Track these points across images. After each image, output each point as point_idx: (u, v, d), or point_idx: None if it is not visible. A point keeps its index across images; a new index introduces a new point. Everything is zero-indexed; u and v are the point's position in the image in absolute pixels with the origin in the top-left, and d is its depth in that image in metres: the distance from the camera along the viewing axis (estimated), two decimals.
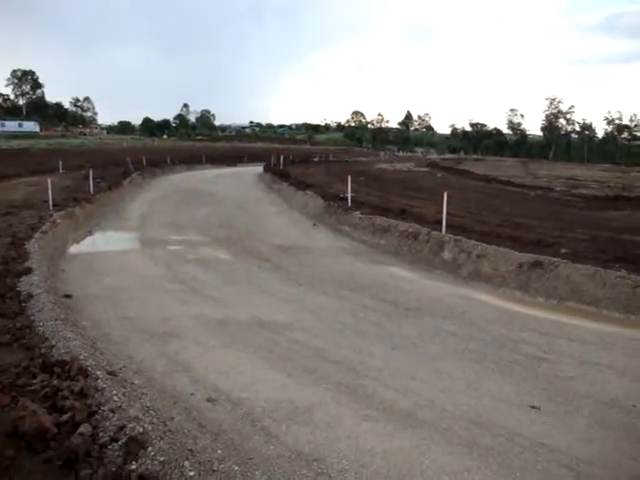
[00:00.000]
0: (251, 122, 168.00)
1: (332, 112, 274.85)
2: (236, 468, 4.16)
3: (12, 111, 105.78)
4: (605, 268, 9.86)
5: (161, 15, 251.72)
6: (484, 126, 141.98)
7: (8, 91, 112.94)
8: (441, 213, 13.78)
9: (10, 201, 17.21)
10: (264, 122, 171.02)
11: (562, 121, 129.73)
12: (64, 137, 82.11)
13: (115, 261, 12.27)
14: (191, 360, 6.65)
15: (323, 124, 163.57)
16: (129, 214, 19.62)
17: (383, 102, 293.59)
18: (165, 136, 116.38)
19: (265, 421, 5.16)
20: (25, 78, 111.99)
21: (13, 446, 3.84)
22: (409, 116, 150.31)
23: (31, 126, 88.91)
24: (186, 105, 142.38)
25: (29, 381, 4.87)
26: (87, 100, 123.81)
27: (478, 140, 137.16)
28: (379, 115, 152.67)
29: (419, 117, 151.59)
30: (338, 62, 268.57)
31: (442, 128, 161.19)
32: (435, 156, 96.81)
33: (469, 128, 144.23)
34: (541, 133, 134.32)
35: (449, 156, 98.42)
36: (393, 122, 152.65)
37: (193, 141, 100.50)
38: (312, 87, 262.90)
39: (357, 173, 30.30)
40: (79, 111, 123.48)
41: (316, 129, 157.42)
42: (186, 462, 3.88)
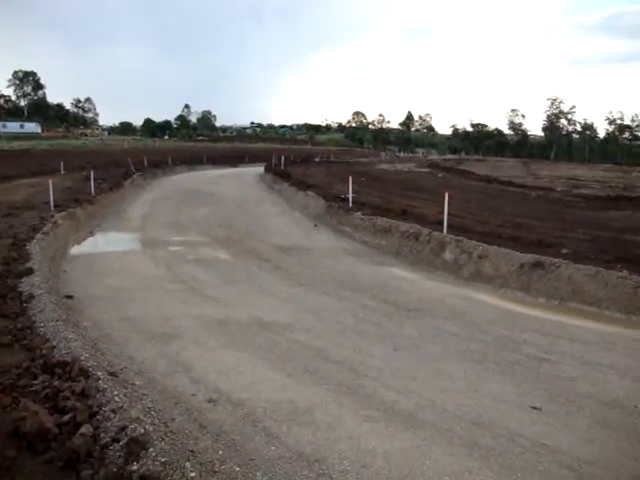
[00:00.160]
0: (252, 122, 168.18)
1: (333, 112, 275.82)
2: (237, 469, 4.16)
3: (14, 112, 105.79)
4: (607, 268, 9.85)
5: (162, 15, 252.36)
6: (485, 126, 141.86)
7: (10, 92, 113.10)
8: (442, 214, 13.78)
9: (11, 202, 17.22)
10: (265, 122, 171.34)
11: (563, 121, 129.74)
12: (65, 138, 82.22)
13: (116, 262, 12.28)
14: (191, 360, 6.65)
15: (324, 124, 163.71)
16: (130, 215, 19.64)
17: (384, 102, 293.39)
18: (166, 137, 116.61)
19: (266, 422, 5.16)
20: (26, 79, 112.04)
21: (14, 447, 3.84)
22: (410, 116, 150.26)
23: (33, 127, 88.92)
24: (187, 106, 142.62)
25: (30, 382, 4.88)
26: (88, 101, 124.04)
27: (479, 140, 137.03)
28: (380, 115, 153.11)
29: (420, 117, 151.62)
30: (338, 62, 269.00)
31: (443, 128, 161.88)
32: (436, 156, 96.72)
33: (470, 128, 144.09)
34: (542, 133, 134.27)
35: (450, 156, 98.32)
36: (394, 122, 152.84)
37: (194, 142, 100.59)
38: (313, 87, 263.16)
39: (358, 174, 30.29)
40: (80, 112, 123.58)
41: (317, 129, 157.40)
42: (187, 463, 3.88)
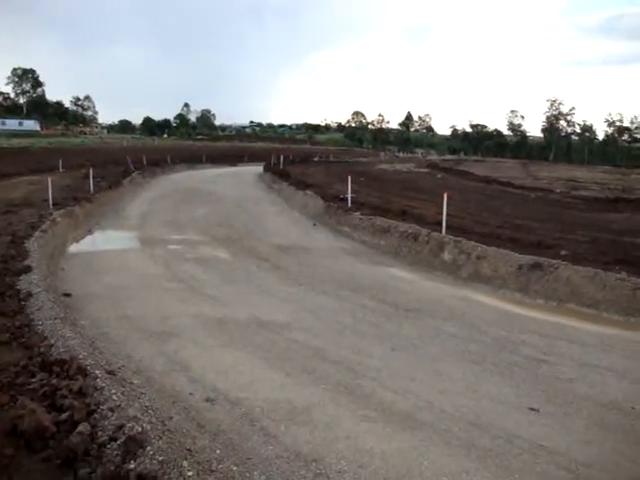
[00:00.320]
0: (251, 122, 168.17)
1: (332, 112, 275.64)
2: (235, 468, 4.16)
3: (12, 110, 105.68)
4: (605, 270, 9.86)
5: (161, 15, 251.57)
6: (484, 127, 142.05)
7: (9, 90, 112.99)
8: (441, 214, 13.78)
9: (10, 200, 17.19)
10: (264, 122, 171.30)
11: (562, 123, 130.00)
12: (64, 136, 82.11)
13: (114, 260, 12.26)
14: (190, 359, 6.64)
15: (323, 124, 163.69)
16: (129, 213, 19.62)
17: (383, 102, 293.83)
18: (165, 135, 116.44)
19: (264, 421, 5.15)
20: (26, 77, 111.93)
21: (12, 445, 3.83)
22: (409, 117, 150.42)
23: (31, 125, 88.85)
24: (187, 105, 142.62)
25: (28, 380, 4.86)
26: (87, 99, 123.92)
27: (478, 141, 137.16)
28: (379, 115, 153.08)
29: (419, 118, 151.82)
30: (338, 62, 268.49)
31: (442, 129, 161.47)
32: (435, 157, 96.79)
33: (469, 129, 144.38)
34: (541, 135, 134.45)
35: (449, 157, 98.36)
36: (393, 123, 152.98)
37: (193, 140, 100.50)
38: (312, 87, 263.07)
39: (357, 173, 30.28)
40: (79, 110, 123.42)
41: (316, 129, 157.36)
42: (185, 462, 3.88)
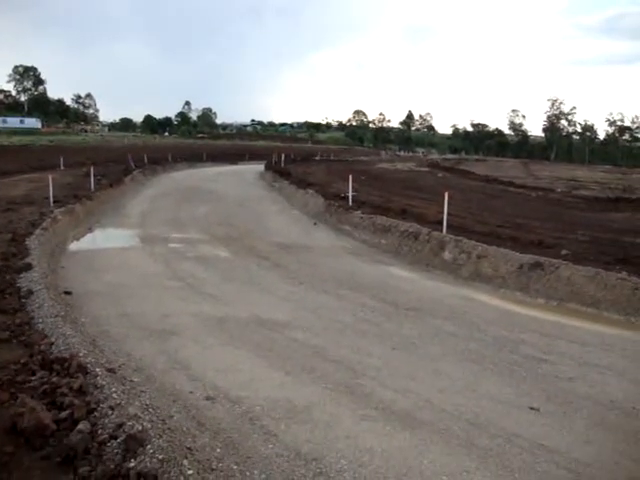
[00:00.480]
0: (252, 120, 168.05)
1: (333, 111, 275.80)
2: (235, 467, 4.16)
3: (14, 107, 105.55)
4: (606, 270, 9.85)
5: (163, 13, 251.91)
6: (485, 126, 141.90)
7: (10, 87, 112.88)
8: (442, 213, 13.77)
9: (11, 197, 17.21)
10: (265, 120, 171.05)
11: (564, 122, 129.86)
12: (65, 134, 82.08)
13: (115, 258, 12.26)
14: (190, 358, 6.64)
15: (324, 123, 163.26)
16: (130, 211, 19.63)
17: (384, 101, 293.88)
18: (167, 134, 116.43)
19: (264, 420, 5.15)
20: (27, 74, 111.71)
21: (12, 442, 3.83)
22: (410, 116, 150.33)
23: (33, 122, 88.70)
24: (188, 103, 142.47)
25: (28, 378, 4.86)
26: (89, 97, 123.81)
27: (479, 140, 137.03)
28: (380, 114, 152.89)
29: (420, 117, 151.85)
30: (339, 61, 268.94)
31: (443, 128, 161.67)
32: (436, 156, 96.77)
33: (470, 128, 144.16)
34: (542, 134, 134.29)
35: (450, 156, 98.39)
36: (394, 121, 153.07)
37: (194, 139, 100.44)
38: (313, 86, 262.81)
39: (358, 172, 30.28)
40: (81, 108, 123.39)
41: (317, 128, 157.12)
42: (185, 460, 3.87)
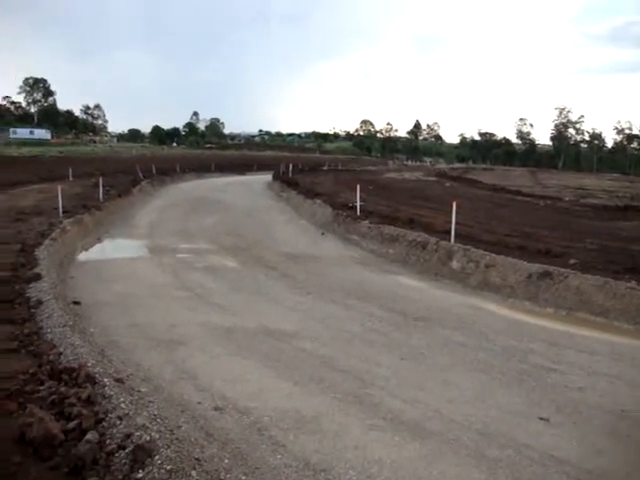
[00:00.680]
0: (260, 130, 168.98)
1: (341, 121, 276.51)
2: (243, 477, 4.13)
3: (24, 118, 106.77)
4: (615, 279, 9.78)
5: (171, 23, 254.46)
6: (493, 135, 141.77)
7: (20, 99, 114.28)
8: (449, 222, 13.74)
9: (20, 208, 17.34)
10: (273, 130, 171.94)
11: (571, 131, 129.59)
12: (74, 145, 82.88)
13: (123, 268, 12.32)
14: (198, 368, 6.64)
15: (332, 133, 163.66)
16: (138, 222, 19.73)
17: (392, 111, 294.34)
18: (175, 144, 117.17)
19: (272, 430, 5.13)
20: (37, 86, 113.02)
21: (20, 452, 3.84)
22: (418, 125, 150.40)
23: (42, 133, 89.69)
24: (196, 113, 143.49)
25: (37, 388, 4.88)
26: (98, 108, 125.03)
27: (487, 149, 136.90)
28: (388, 124, 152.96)
29: (428, 126, 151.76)
30: (347, 70, 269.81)
31: (451, 137, 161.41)
32: (444, 165, 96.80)
33: (478, 137, 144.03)
34: (550, 143, 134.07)
35: (457, 165, 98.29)
36: (402, 131, 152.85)
37: (202, 149, 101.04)
38: (321, 96, 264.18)
39: (366, 182, 30.27)
40: (90, 119, 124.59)
41: (325, 138, 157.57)
42: (193, 471, 3.86)
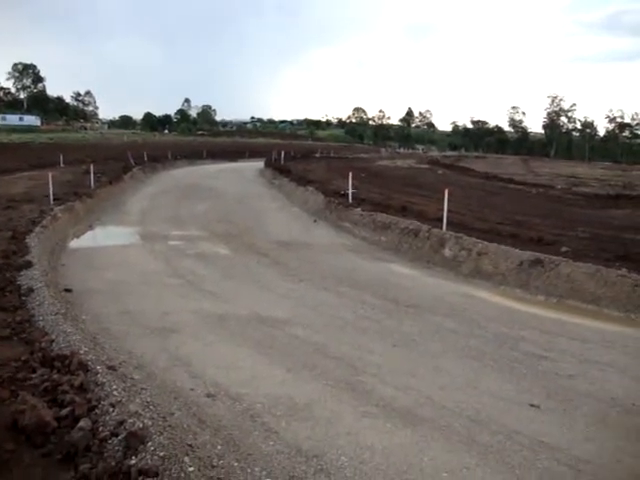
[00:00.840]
0: (252, 117, 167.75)
1: (333, 108, 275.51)
2: (235, 464, 4.16)
3: (13, 105, 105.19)
4: (606, 267, 9.85)
5: (162, 10, 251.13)
6: (485, 123, 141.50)
7: (9, 85, 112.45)
8: (442, 210, 13.75)
9: (11, 195, 17.18)
10: (265, 117, 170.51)
11: (564, 119, 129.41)
12: (65, 131, 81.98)
13: (115, 256, 12.26)
14: (190, 355, 6.64)
15: (324, 120, 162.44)
16: (129, 209, 19.62)
17: (384, 98, 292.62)
18: (166, 131, 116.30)
19: (265, 417, 5.15)
20: (26, 72, 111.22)
21: (13, 440, 3.83)
22: (410, 113, 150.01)
23: (32, 120, 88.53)
24: (187, 100, 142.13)
25: (29, 375, 4.87)
26: (88, 94, 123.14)
27: (479, 137, 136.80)
28: (380, 112, 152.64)
29: (420, 114, 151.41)
30: (339, 58, 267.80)
31: (443, 125, 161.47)
32: (436, 153, 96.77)
33: (470, 125, 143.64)
34: (542, 131, 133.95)
35: (450, 153, 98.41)
36: (394, 119, 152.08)
37: (194, 136, 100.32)
38: (313, 83, 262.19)
39: (358, 169, 30.21)
40: (80, 105, 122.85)
41: (317, 125, 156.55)
42: (186, 457, 3.87)
